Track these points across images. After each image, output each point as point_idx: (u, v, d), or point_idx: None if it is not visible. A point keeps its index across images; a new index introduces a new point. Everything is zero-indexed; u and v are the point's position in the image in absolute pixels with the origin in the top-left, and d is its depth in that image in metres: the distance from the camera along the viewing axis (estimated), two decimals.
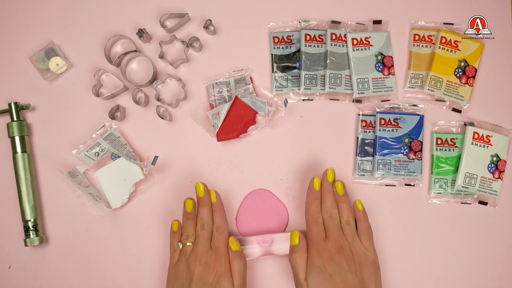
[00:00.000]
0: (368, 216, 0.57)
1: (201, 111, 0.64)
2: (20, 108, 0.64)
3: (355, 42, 0.64)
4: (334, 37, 0.64)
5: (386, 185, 0.64)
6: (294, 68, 0.65)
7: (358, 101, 0.65)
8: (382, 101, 0.65)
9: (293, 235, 0.56)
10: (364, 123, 0.64)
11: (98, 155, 0.63)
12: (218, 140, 0.63)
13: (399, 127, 0.63)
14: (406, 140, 0.63)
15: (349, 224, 0.56)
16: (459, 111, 0.65)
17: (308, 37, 0.64)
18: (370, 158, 0.63)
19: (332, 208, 0.56)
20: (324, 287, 0.52)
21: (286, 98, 0.63)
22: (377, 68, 0.64)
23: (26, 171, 0.62)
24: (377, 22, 0.66)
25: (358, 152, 0.64)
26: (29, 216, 0.61)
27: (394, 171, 0.63)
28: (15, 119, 0.63)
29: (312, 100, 0.65)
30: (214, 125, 0.63)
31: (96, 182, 0.63)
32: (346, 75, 0.64)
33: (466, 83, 0.64)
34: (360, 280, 0.52)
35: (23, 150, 0.63)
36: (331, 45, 0.64)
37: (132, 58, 0.65)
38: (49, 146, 0.65)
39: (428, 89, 0.64)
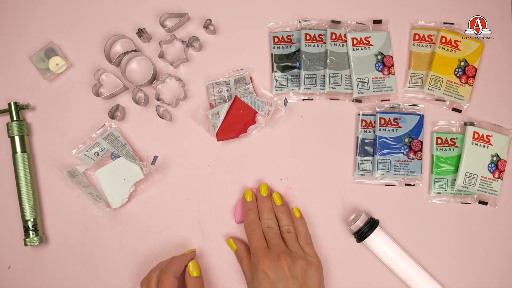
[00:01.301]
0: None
1: (201, 110, 0.64)
2: (20, 108, 0.63)
3: (355, 41, 0.64)
4: (334, 36, 0.64)
5: (386, 185, 0.63)
6: (294, 67, 0.65)
7: (358, 100, 0.65)
8: (382, 100, 0.65)
9: (229, 242, 0.61)
10: (364, 123, 0.64)
11: (97, 154, 0.62)
12: (218, 140, 0.63)
13: (399, 126, 0.63)
14: (406, 140, 0.63)
15: (289, 232, 0.58)
16: (459, 111, 0.65)
17: (308, 37, 0.64)
18: (370, 158, 0.63)
19: (268, 219, 0.58)
20: None
21: (286, 98, 0.63)
22: (377, 67, 0.64)
23: (26, 171, 0.62)
24: (377, 21, 0.66)
25: (358, 152, 0.64)
26: (29, 216, 0.61)
27: (394, 171, 0.62)
28: (14, 118, 0.63)
29: (312, 100, 0.65)
30: (214, 124, 0.63)
31: (95, 182, 0.63)
32: (346, 75, 0.64)
33: (466, 82, 0.64)
34: (302, 286, 0.53)
35: (23, 150, 0.63)
36: (331, 44, 0.64)
37: (132, 57, 0.65)
38: (49, 146, 0.65)
39: (428, 88, 0.64)
